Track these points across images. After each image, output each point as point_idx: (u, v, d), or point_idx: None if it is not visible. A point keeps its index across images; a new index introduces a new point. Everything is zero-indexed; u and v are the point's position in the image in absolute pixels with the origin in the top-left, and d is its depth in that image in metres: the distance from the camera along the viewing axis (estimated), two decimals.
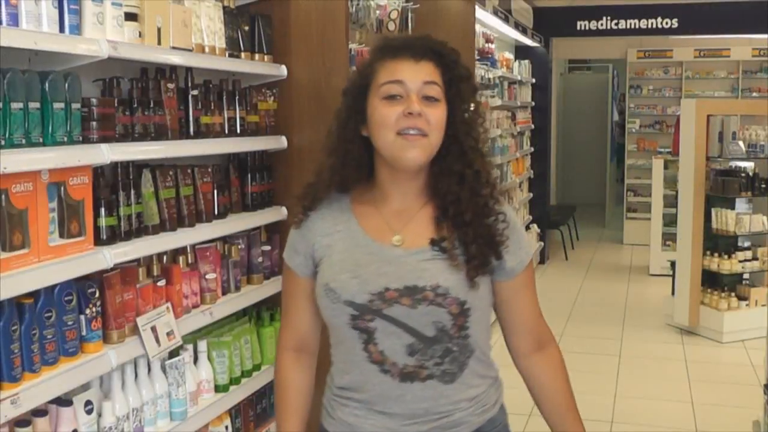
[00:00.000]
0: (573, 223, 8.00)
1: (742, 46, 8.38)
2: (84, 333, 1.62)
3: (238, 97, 2.20)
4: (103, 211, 1.67)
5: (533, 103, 7.22)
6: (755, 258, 4.85)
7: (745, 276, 4.88)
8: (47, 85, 1.50)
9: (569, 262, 7.31)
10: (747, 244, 4.85)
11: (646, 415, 3.62)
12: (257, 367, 2.27)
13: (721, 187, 4.85)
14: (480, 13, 4.74)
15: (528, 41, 6.94)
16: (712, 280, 4.88)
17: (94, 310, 1.63)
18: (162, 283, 1.88)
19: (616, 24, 7.50)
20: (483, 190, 1.22)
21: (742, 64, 8.60)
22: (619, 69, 9.62)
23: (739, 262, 4.81)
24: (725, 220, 4.76)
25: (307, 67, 2.40)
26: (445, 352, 1.21)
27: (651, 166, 6.93)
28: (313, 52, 2.40)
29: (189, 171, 2.02)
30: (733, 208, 4.77)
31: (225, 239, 2.20)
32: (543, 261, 7.21)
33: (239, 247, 2.23)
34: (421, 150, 1.18)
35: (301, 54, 2.41)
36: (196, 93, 2.00)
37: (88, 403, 1.63)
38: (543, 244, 7.14)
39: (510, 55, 6.43)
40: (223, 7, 2.15)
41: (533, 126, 7.19)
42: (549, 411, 1.32)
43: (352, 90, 1.25)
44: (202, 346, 2.07)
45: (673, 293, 5.05)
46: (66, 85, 1.55)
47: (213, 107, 2.08)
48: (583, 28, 7.56)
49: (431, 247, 1.21)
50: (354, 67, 2.46)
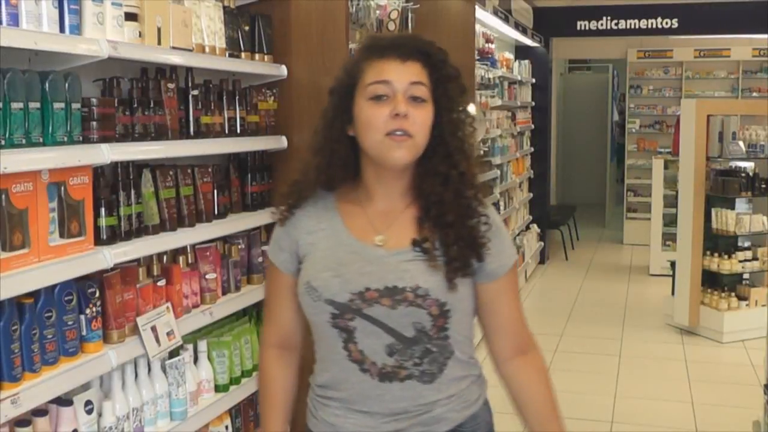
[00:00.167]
0: (573, 223, 8.00)
1: (742, 46, 8.38)
2: (84, 333, 1.62)
3: (238, 97, 2.20)
4: (103, 211, 1.67)
5: (533, 103, 7.22)
6: (755, 258, 4.85)
7: (745, 276, 4.88)
8: (47, 85, 1.50)
9: (569, 262, 7.31)
10: (747, 244, 4.85)
11: (646, 415, 3.61)
12: (257, 367, 2.27)
13: (721, 187, 4.85)
14: (480, 13, 4.74)
15: (528, 41, 6.94)
16: (712, 280, 4.88)
17: (94, 309, 1.64)
18: (162, 283, 1.88)
19: (616, 24, 7.50)
20: (467, 192, 1.22)
21: (742, 64, 8.59)
22: (619, 69, 9.62)
23: (739, 262, 4.81)
24: (725, 220, 4.76)
25: (307, 67, 2.41)
26: (424, 352, 1.21)
27: (651, 166, 6.93)
28: (313, 52, 2.40)
29: (189, 171, 2.02)
30: (733, 208, 4.77)
31: (225, 239, 2.20)
32: (543, 261, 7.21)
33: (239, 247, 2.23)
34: (407, 150, 1.18)
35: (301, 54, 2.41)
36: (196, 93, 2.00)
37: (89, 402, 1.63)
38: (543, 244, 7.14)
39: (510, 55, 6.43)
40: (224, 7, 2.15)
41: (533, 126, 7.19)
42: (529, 417, 1.29)
43: (338, 89, 1.24)
44: (202, 346, 2.08)
45: (673, 293, 5.05)
46: (66, 85, 1.55)
47: (213, 107, 2.08)
48: (583, 28, 7.56)
49: (413, 248, 1.21)
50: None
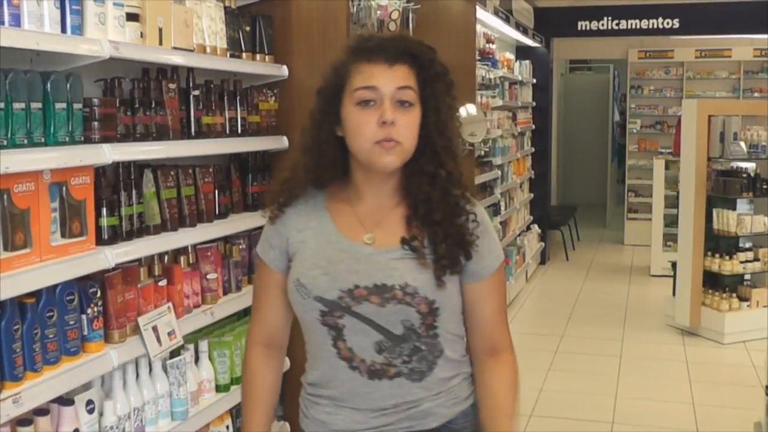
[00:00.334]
0: (574, 224, 8.00)
1: (743, 46, 8.37)
2: (85, 332, 1.62)
3: (239, 97, 2.21)
4: (104, 211, 1.68)
5: (534, 104, 7.22)
6: (756, 259, 4.84)
7: (747, 277, 4.88)
8: (49, 85, 1.51)
9: (570, 263, 7.30)
10: (748, 245, 4.84)
11: (647, 416, 3.61)
12: None
13: (723, 188, 4.84)
14: (481, 13, 4.74)
15: (529, 41, 6.94)
16: (713, 281, 4.88)
17: (95, 309, 1.64)
18: (163, 282, 1.88)
19: (617, 24, 7.49)
20: (454, 190, 1.22)
21: (743, 65, 8.58)
22: (620, 69, 9.61)
23: (741, 263, 4.80)
24: (726, 220, 4.75)
25: (308, 68, 2.41)
26: (413, 350, 1.21)
27: (652, 167, 6.92)
28: (314, 53, 2.41)
29: (190, 171, 2.02)
30: (734, 208, 4.76)
31: (226, 239, 2.21)
32: (544, 261, 7.21)
33: (240, 247, 2.23)
34: (395, 157, 1.19)
35: (302, 54, 2.42)
36: (197, 93, 2.01)
37: (90, 402, 1.63)
38: (544, 244, 7.14)
39: (511, 56, 6.43)
40: (225, 8, 2.15)
41: (534, 126, 7.18)
42: (484, 412, 1.28)
43: (326, 90, 1.24)
44: (203, 345, 2.08)
45: (674, 294, 5.05)
46: (68, 85, 1.55)
47: (214, 107, 2.08)
48: (584, 28, 7.56)
49: (402, 246, 1.21)
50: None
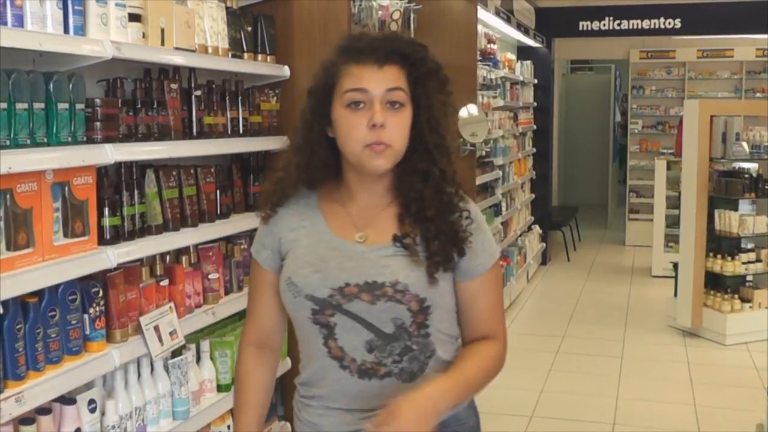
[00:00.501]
0: (575, 224, 7.99)
1: (745, 46, 8.36)
2: (87, 332, 1.63)
3: (240, 97, 2.21)
4: (106, 210, 1.68)
5: (535, 104, 7.21)
6: (759, 260, 4.83)
7: (749, 278, 4.86)
8: (52, 85, 1.51)
9: (571, 264, 7.30)
10: (750, 246, 4.83)
11: (649, 417, 3.60)
12: None
13: (725, 189, 4.83)
14: (482, 13, 4.74)
15: (530, 42, 6.94)
16: (714, 282, 4.87)
17: (97, 309, 1.64)
18: (165, 282, 1.89)
19: (619, 24, 7.49)
20: (447, 188, 1.22)
21: (745, 65, 8.56)
22: (622, 69, 9.60)
23: (743, 263, 4.79)
24: (728, 221, 4.75)
25: (310, 68, 2.37)
26: (404, 350, 1.20)
27: (653, 167, 6.92)
28: (315, 53, 2.41)
29: (192, 171, 2.03)
30: (736, 209, 4.75)
31: (228, 239, 2.21)
32: (545, 262, 7.21)
33: (242, 247, 2.23)
34: (386, 159, 1.19)
35: (303, 54, 2.42)
36: (199, 93, 2.01)
37: (92, 401, 1.64)
38: (545, 245, 7.13)
39: (512, 56, 6.42)
40: (226, 8, 2.16)
41: (535, 127, 7.18)
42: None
43: (316, 90, 1.24)
44: (205, 345, 2.08)
45: (675, 295, 5.04)
46: (70, 85, 1.56)
47: (216, 107, 2.09)
48: (585, 28, 7.55)
49: (394, 243, 1.21)
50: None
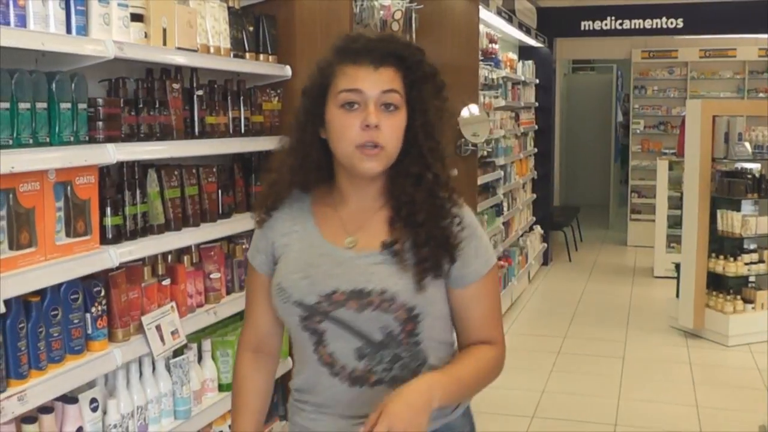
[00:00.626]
0: (577, 225, 7.99)
1: (748, 46, 8.34)
2: (90, 331, 1.63)
3: (242, 97, 2.21)
4: (108, 210, 1.68)
5: (537, 104, 7.21)
6: (761, 260, 4.82)
7: (751, 279, 4.86)
8: (54, 85, 1.52)
9: (573, 264, 7.29)
10: (753, 247, 4.82)
11: (650, 418, 3.60)
12: None
13: (727, 189, 4.82)
14: (484, 13, 4.74)
15: (532, 41, 6.93)
16: (717, 283, 4.86)
17: (99, 308, 1.65)
18: (167, 282, 1.89)
19: (621, 24, 7.48)
20: (440, 192, 1.19)
21: (748, 65, 8.55)
22: (624, 69, 9.59)
23: (745, 264, 4.78)
24: (731, 222, 4.74)
25: (311, 68, 2.41)
26: (393, 358, 1.18)
27: (655, 168, 6.91)
28: (317, 53, 2.36)
29: (194, 171, 2.03)
30: (739, 209, 4.74)
31: (229, 239, 2.21)
32: (546, 262, 7.20)
33: (243, 246, 2.24)
34: (377, 162, 1.17)
35: (305, 54, 2.42)
36: (201, 93, 2.01)
37: (94, 400, 1.64)
38: (546, 245, 7.13)
39: (514, 56, 6.42)
40: (228, 8, 2.16)
41: (537, 127, 7.17)
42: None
43: (311, 90, 1.23)
44: (206, 345, 2.09)
45: (677, 296, 5.04)
46: (72, 85, 1.56)
47: (218, 107, 2.09)
48: (587, 28, 7.55)
49: (382, 250, 1.19)
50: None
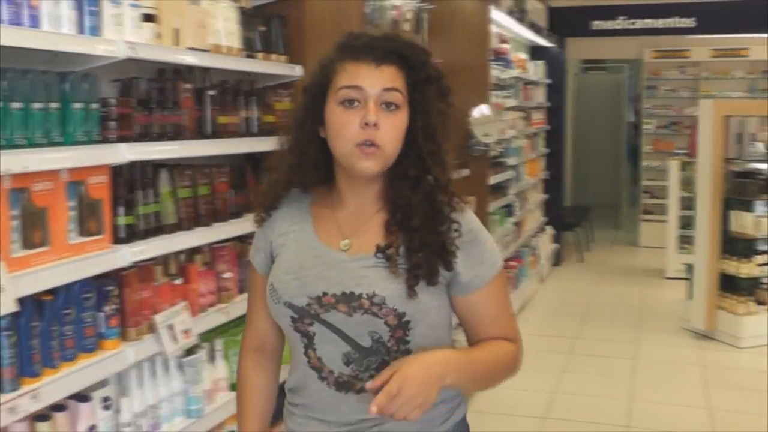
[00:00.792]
0: (588, 225, 7.95)
1: (760, 45, 8.25)
2: (102, 330, 1.64)
3: (254, 97, 2.22)
4: (121, 209, 1.69)
5: (548, 104, 7.18)
6: None
7: (764, 280, 4.82)
8: (67, 85, 1.53)
9: (584, 264, 7.26)
10: (765, 248, 4.78)
11: (662, 420, 3.58)
12: None
13: (740, 190, 4.79)
14: (494, 13, 4.72)
15: (542, 41, 6.91)
16: (729, 284, 4.82)
17: (112, 307, 1.65)
18: (179, 281, 1.89)
19: (632, 24, 7.44)
20: (439, 197, 1.16)
21: (760, 64, 8.47)
22: (635, 69, 9.54)
23: (758, 265, 4.74)
24: (743, 222, 4.70)
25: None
26: (380, 364, 1.14)
27: (666, 168, 6.86)
28: None
29: (206, 170, 2.03)
30: (751, 210, 4.71)
31: (241, 238, 2.21)
32: (558, 263, 7.17)
33: None
34: (375, 162, 1.14)
35: (316, 55, 2.36)
36: (212, 93, 2.02)
37: (106, 399, 1.65)
38: (558, 245, 7.10)
39: (524, 56, 6.40)
40: (240, 8, 2.17)
41: (548, 127, 7.15)
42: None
43: (311, 88, 1.20)
44: (218, 344, 2.09)
45: (689, 297, 5.00)
46: (85, 85, 1.57)
47: (229, 107, 2.09)
48: (598, 28, 7.51)
49: (376, 253, 1.16)
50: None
